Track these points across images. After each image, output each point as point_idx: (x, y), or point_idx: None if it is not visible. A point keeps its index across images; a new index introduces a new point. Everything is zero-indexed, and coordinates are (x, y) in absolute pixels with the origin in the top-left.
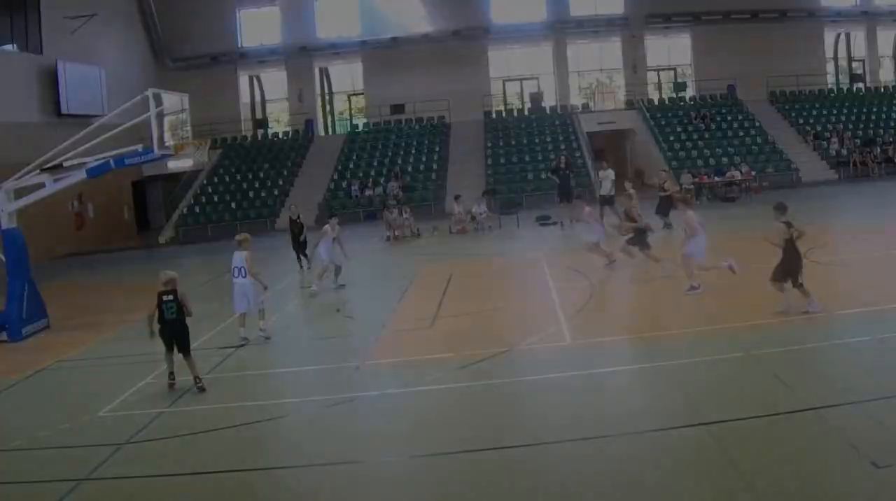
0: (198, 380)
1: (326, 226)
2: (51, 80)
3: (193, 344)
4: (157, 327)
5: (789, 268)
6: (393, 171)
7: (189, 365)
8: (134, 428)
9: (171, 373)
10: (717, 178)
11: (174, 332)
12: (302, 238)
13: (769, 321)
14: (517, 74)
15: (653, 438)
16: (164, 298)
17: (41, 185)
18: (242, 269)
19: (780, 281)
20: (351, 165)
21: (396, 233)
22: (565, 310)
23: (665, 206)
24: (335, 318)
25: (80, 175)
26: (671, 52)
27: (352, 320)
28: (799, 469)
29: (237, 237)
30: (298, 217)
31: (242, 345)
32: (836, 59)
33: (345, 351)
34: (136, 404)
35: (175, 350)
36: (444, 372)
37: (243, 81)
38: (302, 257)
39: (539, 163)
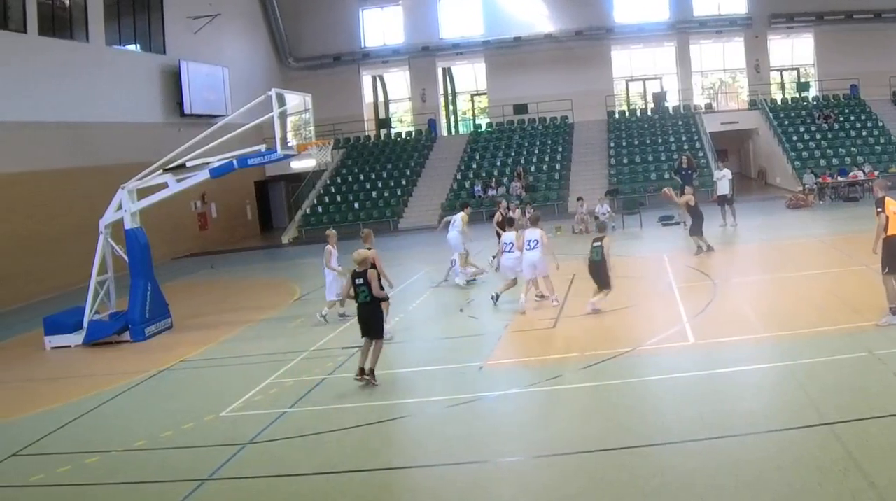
0: (365, 374)
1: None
2: (174, 80)
3: (316, 345)
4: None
5: None
6: (516, 171)
7: (371, 353)
8: (257, 428)
9: (361, 369)
10: (839, 178)
11: (361, 317)
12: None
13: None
14: (640, 74)
15: (775, 438)
16: (356, 281)
17: (164, 185)
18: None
19: None
20: (474, 165)
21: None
22: (688, 310)
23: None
24: (458, 318)
25: (204, 175)
26: (794, 51)
27: (475, 320)
28: None
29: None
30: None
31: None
32: None
33: (468, 350)
34: (259, 404)
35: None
36: (567, 372)
37: (366, 81)
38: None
39: (662, 163)
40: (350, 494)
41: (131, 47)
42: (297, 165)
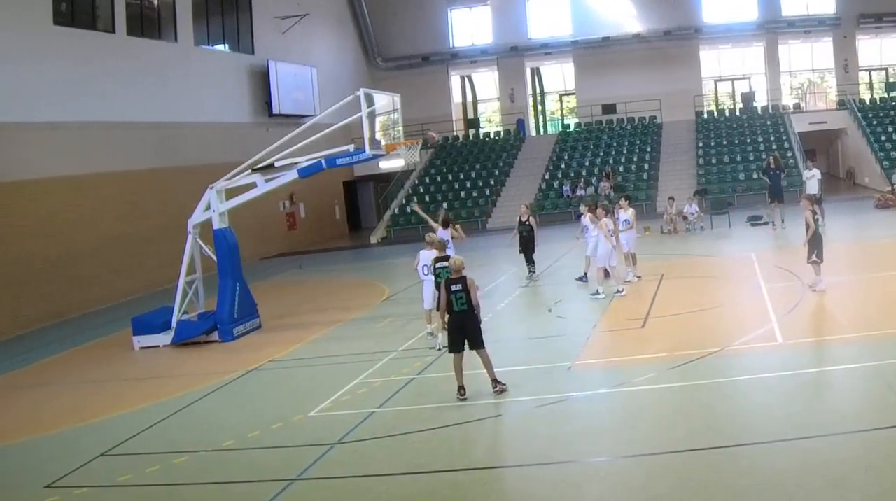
0: (495, 384)
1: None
2: (262, 80)
3: (405, 345)
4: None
5: None
6: (604, 171)
7: (484, 365)
8: (345, 428)
9: (461, 388)
10: None
11: (457, 326)
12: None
13: None
14: (728, 74)
15: (864, 437)
16: (452, 287)
17: (253, 185)
18: (426, 268)
19: None
20: (562, 165)
21: None
22: (777, 310)
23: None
24: (547, 318)
25: (292, 175)
26: (882, 51)
27: (563, 320)
28: None
29: (427, 237)
30: (528, 218)
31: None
32: None
33: (556, 350)
34: (347, 404)
35: (466, 347)
36: (656, 372)
37: (455, 81)
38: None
39: (750, 164)
40: (438, 495)
41: (220, 47)
42: (386, 165)
